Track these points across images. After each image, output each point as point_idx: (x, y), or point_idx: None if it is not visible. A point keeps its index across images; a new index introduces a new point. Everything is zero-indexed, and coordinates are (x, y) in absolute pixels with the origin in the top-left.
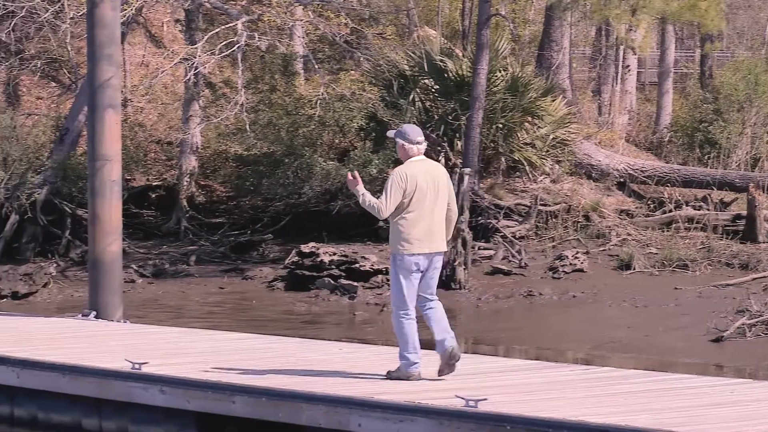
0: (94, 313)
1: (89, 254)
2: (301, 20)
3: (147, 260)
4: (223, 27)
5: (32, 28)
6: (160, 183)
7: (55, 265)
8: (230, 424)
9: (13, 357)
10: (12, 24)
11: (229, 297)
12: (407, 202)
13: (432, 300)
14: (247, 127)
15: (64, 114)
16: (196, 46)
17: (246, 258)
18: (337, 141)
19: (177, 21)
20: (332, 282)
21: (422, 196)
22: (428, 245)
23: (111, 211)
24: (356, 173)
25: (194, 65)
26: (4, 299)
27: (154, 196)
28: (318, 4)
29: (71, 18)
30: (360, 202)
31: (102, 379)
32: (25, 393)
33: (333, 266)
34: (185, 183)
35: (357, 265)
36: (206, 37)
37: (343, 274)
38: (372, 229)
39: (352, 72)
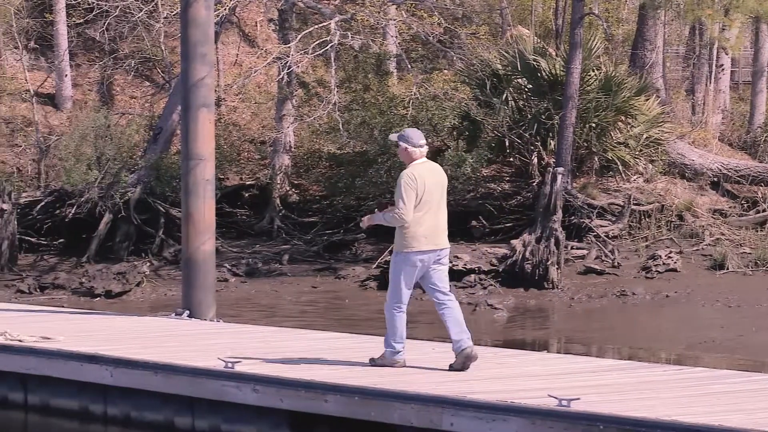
0: (187, 312)
1: (182, 253)
2: (395, 19)
3: (240, 259)
4: (316, 26)
5: (126, 27)
6: (253, 182)
7: (148, 264)
8: (322, 422)
9: (106, 356)
10: (106, 23)
11: (321, 296)
12: (417, 202)
13: (448, 299)
14: (340, 126)
15: (157, 113)
16: (289, 45)
17: (339, 257)
18: (429, 140)
19: (270, 20)
20: None
21: (429, 197)
22: (434, 242)
23: (204, 210)
24: (364, 220)
25: (287, 64)
26: (98, 298)
27: (247, 195)
28: (411, 4)
29: (165, 17)
30: (384, 223)
31: (195, 377)
32: (118, 391)
33: None
34: (278, 182)
35: (450, 264)
36: (299, 37)
37: None
38: (465, 228)
39: (445, 71)
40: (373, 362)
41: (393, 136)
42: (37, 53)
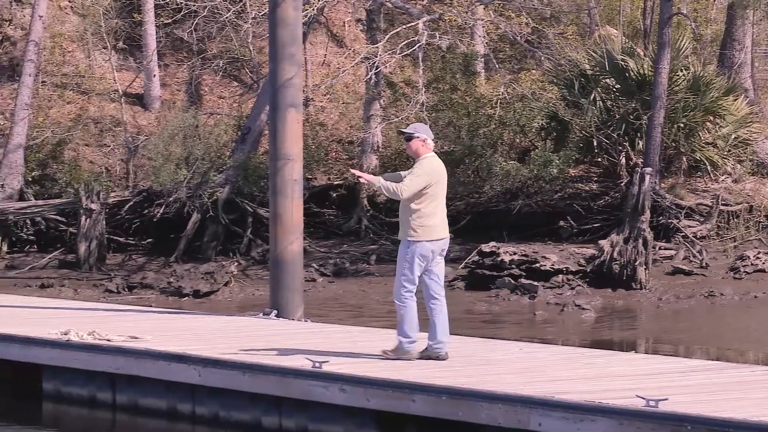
0: (275, 311)
1: (270, 253)
2: (482, 19)
3: (328, 259)
4: (404, 26)
5: (214, 27)
6: (341, 182)
7: (236, 263)
8: (409, 422)
9: (194, 355)
10: (194, 23)
11: None
12: (429, 192)
13: (440, 297)
14: (428, 126)
15: (245, 113)
16: (377, 45)
17: None
18: (517, 141)
19: (358, 21)
20: (512, 281)
21: (440, 189)
22: (443, 232)
23: (292, 210)
24: (354, 171)
25: (375, 65)
26: (186, 297)
27: (335, 195)
28: (499, 4)
29: (253, 18)
30: (378, 188)
31: (282, 377)
32: (206, 391)
33: (513, 266)
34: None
35: (537, 265)
36: (387, 37)
37: (524, 273)
38: (553, 229)
39: (533, 71)
40: (387, 355)
41: (406, 130)
42: (126, 53)
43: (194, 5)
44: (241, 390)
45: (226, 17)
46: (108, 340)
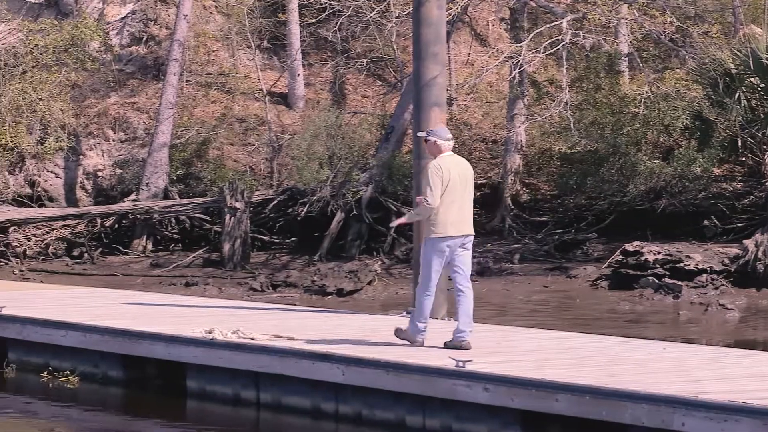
0: None
1: (414, 251)
2: (626, 18)
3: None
4: (547, 26)
5: (358, 27)
6: (484, 181)
7: (379, 262)
8: (553, 421)
9: (338, 354)
10: (338, 23)
11: (552, 295)
12: (443, 191)
13: (467, 286)
14: (572, 125)
15: (389, 112)
16: (520, 44)
17: (570, 256)
18: (661, 140)
19: (502, 20)
20: (656, 281)
21: (454, 186)
22: (459, 229)
23: None
24: (394, 222)
25: (519, 64)
26: (330, 296)
27: (478, 194)
28: (643, 2)
29: (397, 17)
30: (413, 220)
31: (426, 376)
32: (350, 390)
33: (657, 265)
34: (510, 181)
35: (681, 264)
36: (531, 36)
37: (668, 273)
38: (697, 228)
39: (677, 70)
40: (398, 334)
41: (421, 133)
42: (270, 53)
43: (338, 5)
44: (385, 389)
45: (370, 16)
46: (252, 339)
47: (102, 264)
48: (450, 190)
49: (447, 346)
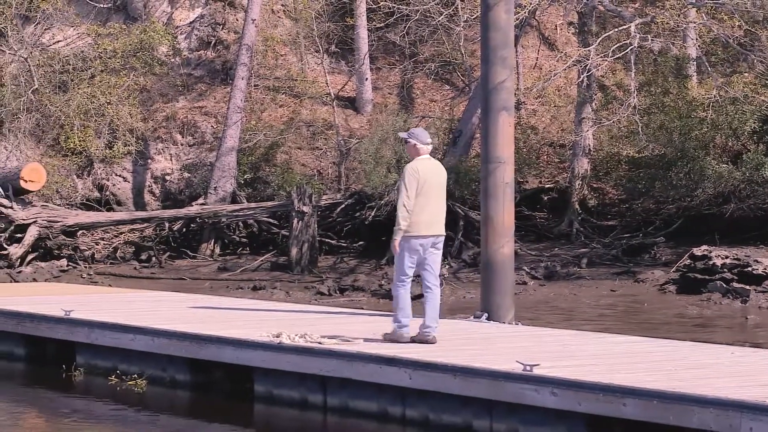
0: (486, 314)
1: (482, 256)
2: (694, 22)
3: (539, 262)
4: (615, 30)
5: (426, 31)
6: (552, 185)
7: (447, 266)
8: (619, 426)
9: (405, 358)
10: (406, 27)
11: (620, 300)
12: (417, 192)
13: (435, 283)
14: (640, 129)
15: (457, 117)
16: (588, 48)
17: (637, 260)
18: (729, 144)
19: (570, 24)
20: (724, 285)
21: (429, 188)
22: (432, 229)
23: (503, 213)
24: (394, 246)
25: (587, 68)
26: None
27: (546, 198)
28: (711, 6)
29: (465, 21)
30: (399, 233)
31: (493, 380)
32: (416, 394)
33: (725, 269)
34: (577, 185)
35: (750, 269)
36: (599, 40)
37: (736, 277)
38: (765, 233)
39: (746, 74)
40: (385, 338)
41: (403, 134)
42: (338, 57)
43: (406, 9)
44: (452, 393)
45: (438, 20)
46: (319, 343)
47: (170, 268)
48: (425, 192)
49: (414, 340)
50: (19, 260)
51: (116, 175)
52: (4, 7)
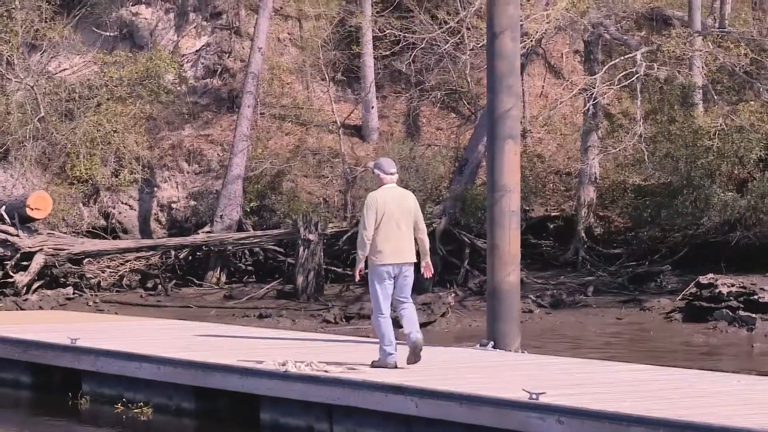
0: (492, 342)
1: (488, 284)
2: (700, 51)
3: (545, 290)
4: (622, 58)
5: (432, 59)
6: (558, 213)
7: (453, 294)
8: None
9: (411, 386)
10: (412, 56)
11: (626, 328)
12: (379, 221)
13: (406, 302)
14: (646, 157)
15: (463, 145)
16: (595, 76)
17: (643, 289)
18: (735, 172)
19: (576, 52)
20: (730, 314)
21: (390, 217)
22: (396, 257)
23: (510, 241)
24: (356, 272)
25: (593, 96)
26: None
27: (552, 226)
28: (717, 35)
29: (471, 49)
30: (361, 260)
31: (499, 408)
32: (422, 422)
33: (731, 298)
34: (583, 213)
35: (756, 297)
36: (605, 68)
37: (742, 305)
38: None
39: (752, 103)
40: (373, 365)
41: (370, 164)
42: (344, 85)
43: (412, 37)
44: (458, 421)
45: (444, 49)
46: (325, 371)
47: (176, 296)
48: (386, 220)
49: (408, 359)
50: (25, 288)
51: (122, 203)
52: (11, 35)
